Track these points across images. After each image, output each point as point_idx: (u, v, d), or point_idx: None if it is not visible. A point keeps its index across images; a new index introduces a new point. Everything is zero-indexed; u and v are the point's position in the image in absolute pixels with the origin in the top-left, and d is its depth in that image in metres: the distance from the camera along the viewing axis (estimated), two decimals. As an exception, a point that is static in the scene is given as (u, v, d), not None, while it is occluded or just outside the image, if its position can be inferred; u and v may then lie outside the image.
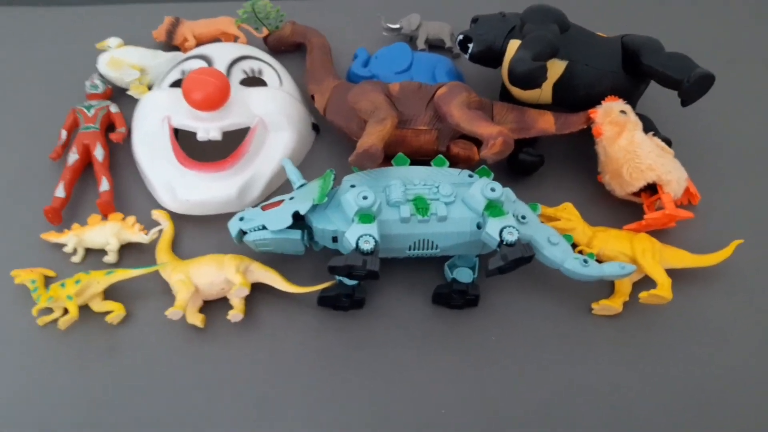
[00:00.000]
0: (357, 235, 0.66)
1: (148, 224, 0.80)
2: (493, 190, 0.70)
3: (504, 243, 0.67)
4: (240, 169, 0.80)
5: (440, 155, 0.78)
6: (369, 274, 0.65)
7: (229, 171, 0.80)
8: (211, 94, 0.78)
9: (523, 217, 0.73)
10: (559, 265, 0.72)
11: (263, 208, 0.74)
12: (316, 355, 0.73)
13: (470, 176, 0.76)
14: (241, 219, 0.74)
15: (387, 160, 0.84)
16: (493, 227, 0.68)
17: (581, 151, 0.89)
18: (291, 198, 0.73)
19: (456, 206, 0.71)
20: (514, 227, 0.67)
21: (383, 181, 0.74)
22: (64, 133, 0.86)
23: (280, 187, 0.86)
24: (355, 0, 1.11)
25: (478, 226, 0.71)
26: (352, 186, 0.73)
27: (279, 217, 0.71)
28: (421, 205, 0.71)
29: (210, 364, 0.71)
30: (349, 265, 0.65)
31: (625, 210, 0.84)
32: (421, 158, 0.84)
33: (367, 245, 0.65)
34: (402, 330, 0.75)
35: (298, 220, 0.72)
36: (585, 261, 0.71)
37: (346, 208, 0.69)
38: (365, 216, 0.68)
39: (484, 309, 0.76)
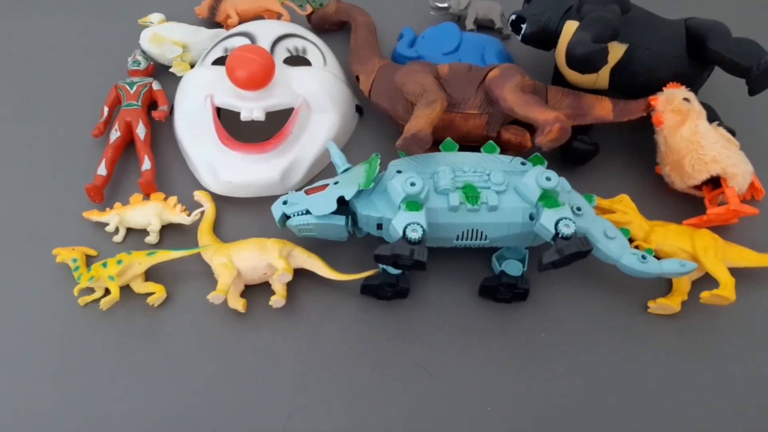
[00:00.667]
0: (404, 223, 0.63)
1: (190, 205, 0.79)
2: (548, 179, 0.66)
3: (559, 236, 0.63)
4: (283, 151, 0.78)
5: (491, 141, 0.74)
6: (416, 264, 0.63)
7: (272, 153, 0.78)
8: (255, 73, 0.75)
9: (579, 209, 0.69)
10: (616, 261, 0.68)
11: (307, 192, 0.72)
12: (357, 344, 0.71)
13: (523, 164, 0.72)
14: (285, 203, 0.72)
15: (434, 145, 0.81)
16: (548, 219, 0.64)
17: (638, 139, 0.85)
18: (336, 183, 0.71)
19: (508, 195, 0.68)
20: (570, 219, 0.64)
21: (431, 167, 0.71)
22: (106, 110, 0.85)
23: (323, 170, 0.83)
24: (402, -23, 1.07)
25: (531, 218, 0.68)
26: (399, 171, 0.71)
27: (323, 202, 0.69)
28: (470, 194, 0.68)
29: (250, 349, 0.70)
30: (395, 255, 0.62)
31: (684, 204, 0.80)
32: (469, 143, 0.80)
33: (414, 234, 0.63)
34: (446, 322, 0.72)
35: (343, 206, 0.70)
36: (643, 257, 0.68)
37: (393, 195, 0.67)
38: (412, 203, 0.65)
39: (533, 303, 0.73)
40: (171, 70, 0.90)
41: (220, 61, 0.85)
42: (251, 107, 0.78)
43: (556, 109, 0.79)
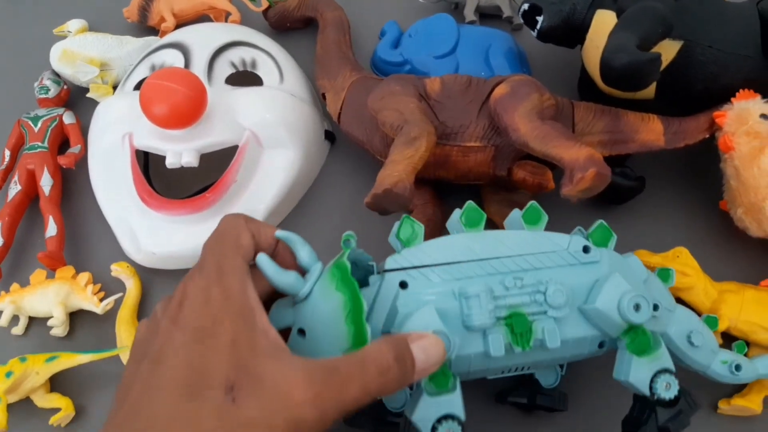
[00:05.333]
0: (431, 421, 0.41)
1: (112, 278, 0.61)
2: (637, 307, 0.43)
3: (656, 398, 0.43)
4: (224, 206, 0.59)
5: (533, 205, 0.47)
6: None
7: (209, 210, 0.59)
8: (177, 107, 0.56)
9: (656, 308, 0.47)
10: (701, 371, 0.50)
11: None
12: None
13: (586, 251, 0.46)
14: None
15: (422, 183, 0.62)
16: (639, 374, 0.44)
17: (694, 165, 0.65)
18: (299, 332, 0.42)
19: (571, 321, 0.44)
20: (673, 374, 0.44)
21: (454, 272, 0.44)
22: (7, 154, 0.67)
23: (280, 224, 0.65)
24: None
25: (601, 345, 0.46)
26: (403, 285, 0.43)
27: None
28: (520, 328, 0.43)
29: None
30: None
31: (760, 252, 0.60)
32: (470, 183, 0.61)
33: None
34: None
35: None
36: (737, 367, 0.50)
37: None
38: (440, 379, 0.42)
39: (569, 406, 0.54)
40: (88, 95, 0.71)
41: (146, 84, 0.66)
42: (179, 150, 0.59)
43: (588, 136, 0.59)
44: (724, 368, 0.49)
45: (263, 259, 0.41)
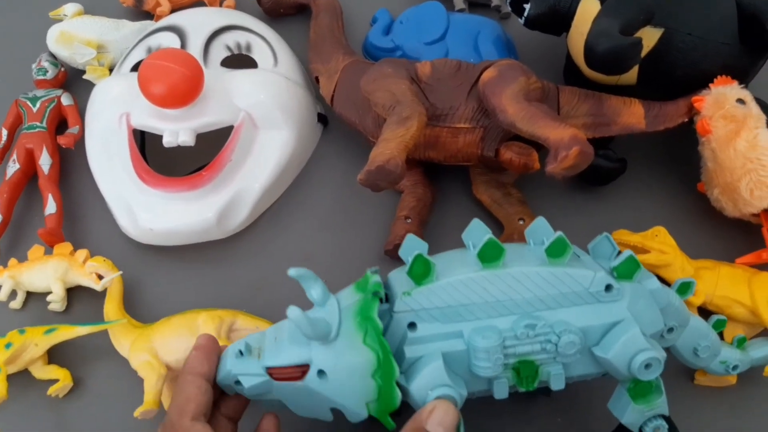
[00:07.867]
0: None
1: (110, 254, 0.62)
2: (648, 367, 0.43)
3: None
4: (219, 185, 0.61)
5: (561, 236, 0.44)
6: None
7: (205, 188, 0.60)
8: (175, 87, 0.57)
9: (670, 330, 0.48)
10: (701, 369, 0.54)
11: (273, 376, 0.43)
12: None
13: (608, 288, 0.44)
14: (241, 352, 0.44)
15: (414, 166, 0.64)
16: (632, 418, 0.46)
17: (673, 148, 0.67)
18: (320, 374, 0.42)
19: (579, 362, 0.44)
20: (665, 418, 0.46)
21: (461, 315, 0.43)
22: (4, 133, 0.68)
23: (272, 204, 0.66)
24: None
25: (605, 374, 0.47)
26: (412, 325, 0.43)
27: (305, 402, 0.44)
28: (526, 373, 0.43)
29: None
30: None
31: (736, 231, 0.63)
32: (459, 164, 0.63)
33: None
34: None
35: None
36: (734, 368, 0.53)
37: (415, 398, 0.42)
38: None
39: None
40: (85, 76, 0.72)
41: (142, 66, 0.67)
42: (176, 129, 0.60)
43: (572, 118, 0.62)
44: (721, 367, 0.52)
45: (295, 314, 0.39)
